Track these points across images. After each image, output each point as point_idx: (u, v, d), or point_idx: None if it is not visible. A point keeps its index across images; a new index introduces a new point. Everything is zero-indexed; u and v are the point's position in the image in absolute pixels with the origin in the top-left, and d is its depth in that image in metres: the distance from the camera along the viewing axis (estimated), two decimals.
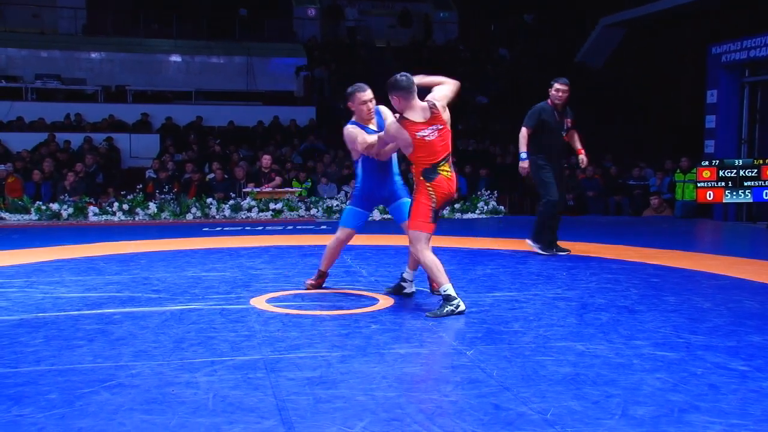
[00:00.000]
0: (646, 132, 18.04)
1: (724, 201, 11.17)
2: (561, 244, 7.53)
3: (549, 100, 7.25)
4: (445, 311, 4.58)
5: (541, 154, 7.20)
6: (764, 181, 10.88)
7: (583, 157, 7.50)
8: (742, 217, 11.88)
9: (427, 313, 4.64)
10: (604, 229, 10.67)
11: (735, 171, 11.00)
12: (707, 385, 3.25)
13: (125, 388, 3.20)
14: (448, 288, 4.65)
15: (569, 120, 7.33)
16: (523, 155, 7.19)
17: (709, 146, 12.66)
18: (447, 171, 4.73)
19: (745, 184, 10.94)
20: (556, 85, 7.21)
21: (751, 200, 11.05)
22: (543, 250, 7.27)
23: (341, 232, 5.35)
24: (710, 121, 12.64)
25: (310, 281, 5.58)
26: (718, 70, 12.57)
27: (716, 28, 15.07)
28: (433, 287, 5.11)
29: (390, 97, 4.78)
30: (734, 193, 11.03)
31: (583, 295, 5.35)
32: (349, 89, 5.25)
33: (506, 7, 23.30)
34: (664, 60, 19.08)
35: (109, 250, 7.89)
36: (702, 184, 11.16)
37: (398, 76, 4.75)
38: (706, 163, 11.32)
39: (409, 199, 4.93)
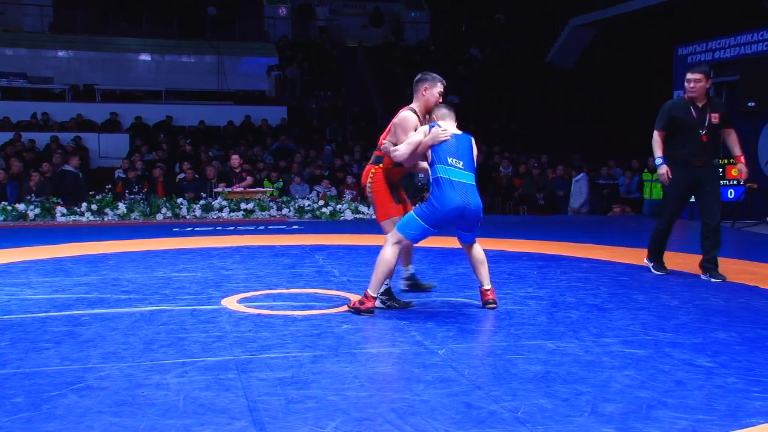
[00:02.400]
0: (616, 131, 18.25)
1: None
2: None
3: (685, 94, 6.16)
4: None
5: (676, 159, 6.12)
6: (729, 181, 11.06)
7: (742, 166, 6.26)
8: None
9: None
10: (574, 227, 10.77)
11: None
12: (674, 382, 3.30)
13: (94, 391, 3.16)
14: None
15: (715, 115, 6.08)
16: (659, 160, 6.13)
17: None
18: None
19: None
20: (688, 75, 6.14)
21: None
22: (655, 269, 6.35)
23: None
24: None
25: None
26: (685, 71, 12.71)
27: (683, 30, 15.30)
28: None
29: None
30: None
31: (554, 293, 5.40)
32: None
33: (478, 8, 23.42)
34: (633, 60, 19.33)
35: (77, 250, 7.78)
36: None
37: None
38: None
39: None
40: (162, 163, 13.93)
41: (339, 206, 12.00)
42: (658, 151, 6.13)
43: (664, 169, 6.08)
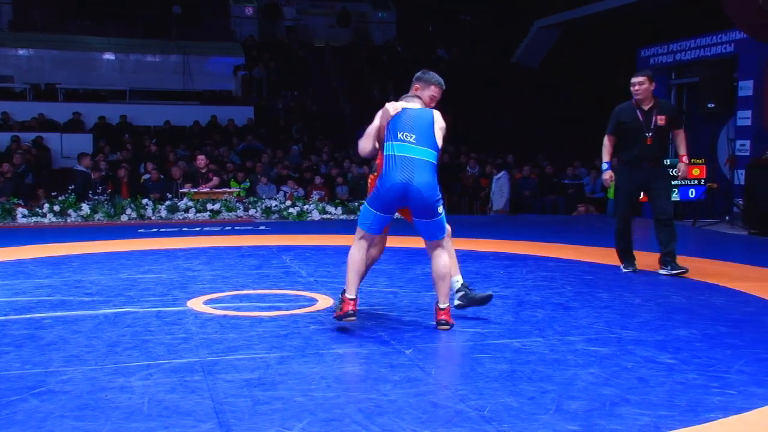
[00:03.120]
0: (581, 131, 18.45)
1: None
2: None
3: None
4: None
5: (625, 161, 6.34)
6: (690, 180, 11.26)
7: (682, 166, 6.49)
8: None
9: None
10: (540, 227, 10.88)
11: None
12: (637, 379, 3.35)
13: (56, 395, 3.11)
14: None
15: (661, 117, 6.21)
16: (604, 165, 6.42)
17: None
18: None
19: (673, 183, 11.29)
20: (631, 79, 6.27)
21: (678, 199, 11.42)
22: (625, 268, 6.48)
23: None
24: None
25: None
26: None
27: (645, 32, 15.54)
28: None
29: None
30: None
31: (520, 293, 5.45)
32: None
33: (444, 8, 23.52)
34: (597, 61, 19.58)
35: (39, 252, 7.64)
36: None
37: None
38: None
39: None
40: (126, 164, 13.74)
41: (306, 206, 11.96)
42: (605, 156, 6.41)
43: (607, 175, 6.39)
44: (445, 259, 4.31)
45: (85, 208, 11.14)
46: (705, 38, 11.71)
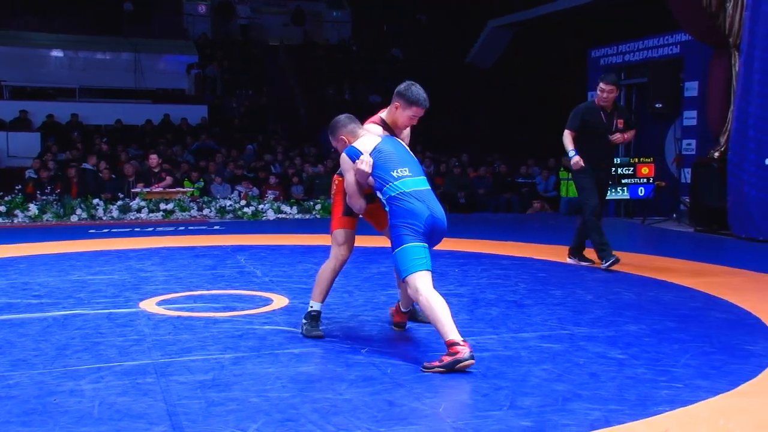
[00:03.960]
0: (534, 131, 18.70)
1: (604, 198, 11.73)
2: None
3: (596, 99, 6.59)
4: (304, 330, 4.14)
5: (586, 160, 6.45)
6: (639, 179, 11.51)
7: (619, 136, 6.57)
8: (621, 212, 12.53)
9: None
10: (495, 226, 10.99)
11: (613, 169, 11.57)
12: (588, 374, 3.41)
13: (1, 400, 3.03)
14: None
15: (620, 121, 6.56)
16: (572, 152, 6.42)
17: None
18: None
19: (623, 181, 11.54)
20: (601, 85, 6.46)
21: (628, 197, 11.66)
22: (571, 256, 6.82)
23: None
24: None
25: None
26: (597, 73, 13.16)
27: (595, 34, 15.81)
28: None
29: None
30: (613, 191, 11.61)
31: (475, 290, 5.50)
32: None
33: (399, 8, 23.57)
34: (549, 62, 19.84)
35: None
36: None
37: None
38: None
39: None
40: (76, 163, 13.45)
41: (261, 206, 11.88)
42: (570, 145, 6.47)
43: (577, 158, 6.38)
44: None
45: (33, 208, 10.88)
46: (652, 39, 11.97)
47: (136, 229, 10.08)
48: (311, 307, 4.16)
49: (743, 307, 4.89)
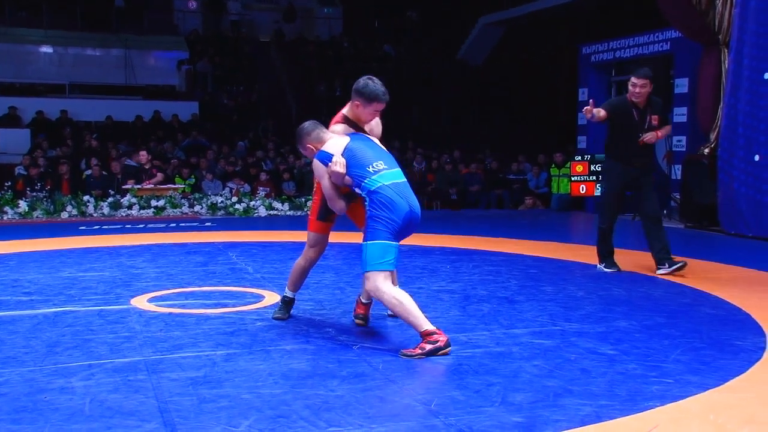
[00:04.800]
0: (525, 128, 18.74)
1: (595, 194, 11.79)
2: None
3: (628, 95, 6.11)
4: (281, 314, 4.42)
5: (616, 157, 6.13)
6: None
7: (653, 134, 6.07)
8: None
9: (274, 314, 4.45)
10: (486, 222, 11.01)
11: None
12: (579, 370, 3.43)
13: None
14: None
15: (655, 117, 6.11)
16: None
17: (582, 142, 13.34)
18: None
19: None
20: (633, 79, 6.03)
21: None
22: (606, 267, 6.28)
23: None
24: (582, 117, 13.29)
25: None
26: (588, 69, 13.26)
27: (586, 30, 15.85)
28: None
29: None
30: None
31: (466, 287, 5.51)
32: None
33: (390, 4, 23.55)
34: (541, 59, 19.87)
35: None
36: (575, 178, 11.73)
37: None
38: (579, 158, 11.90)
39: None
40: (67, 160, 13.39)
41: (252, 203, 11.86)
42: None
43: (589, 106, 5.94)
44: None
45: (23, 205, 10.83)
46: (643, 36, 12.01)
47: (127, 226, 10.05)
48: (285, 294, 4.49)
49: (733, 303, 4.92)
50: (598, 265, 6.32)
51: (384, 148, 4.10)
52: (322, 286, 5.47)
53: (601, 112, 6.03)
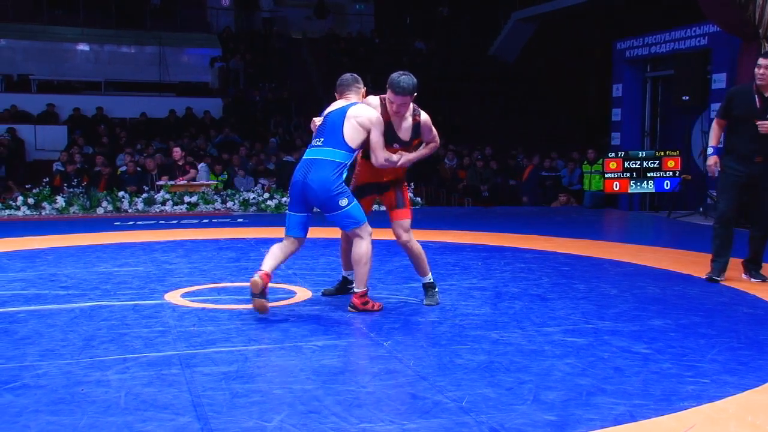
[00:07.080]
0: (557, 124, 18.58)
1: (629, 191, 11.65)
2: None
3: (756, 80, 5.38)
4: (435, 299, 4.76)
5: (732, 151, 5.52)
6: (665, 172, 11.38)
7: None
8: (646, 206, 12.41)
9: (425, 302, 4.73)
10: (518, 219, 10.93)
11: (639, 162, 11.46)
12: (613, 369, 3.39)
13: (30, 389, 3.08)
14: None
15: None
16: (710, 150, 5.64)
17: (615, 138, 13.18)
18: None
19: (648, 174, 11.43)
20: (759, 60, 5.32)
21: (653, 190, 11.55)
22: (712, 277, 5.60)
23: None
24: (616, 114, 13.15)
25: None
26: (623, 65, 13.08)
27: (621, 25, 15.64)
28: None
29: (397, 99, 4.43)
30: (638, 184, 11.50)
31: (498, 284, 5.48)
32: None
33: (422, 0, 23.50)
34: (574, 54, 19.68)
35: (12, 246, 7.55)
36: (609, 175, 11.60)
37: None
38: (613, 154, 11.76)
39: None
40: (105, 157, 13.60)
41: (284, 199, 11.92)
42: (712, 140, 5.65)
43: (712, 160, 5.56)
44: (360, 247, 4.42)
45: (60, 200, 11.02)
46: (679, 31, 11.82)
47: (160, 222, 10.17)
48: (422, 281, 4.83)
49: None
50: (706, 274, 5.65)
51: (341, 131, 4.38)
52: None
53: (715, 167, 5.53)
